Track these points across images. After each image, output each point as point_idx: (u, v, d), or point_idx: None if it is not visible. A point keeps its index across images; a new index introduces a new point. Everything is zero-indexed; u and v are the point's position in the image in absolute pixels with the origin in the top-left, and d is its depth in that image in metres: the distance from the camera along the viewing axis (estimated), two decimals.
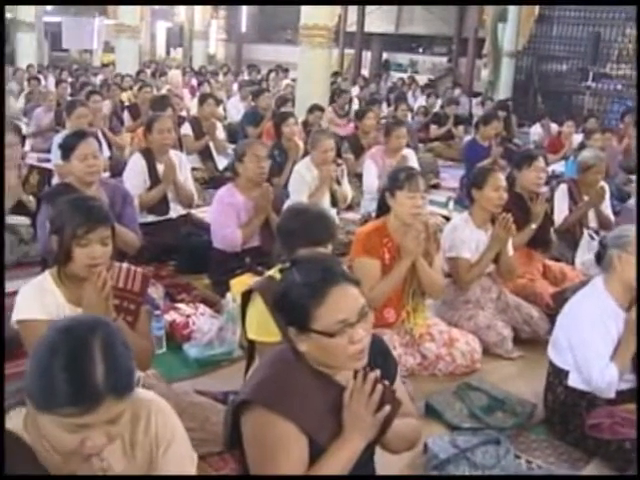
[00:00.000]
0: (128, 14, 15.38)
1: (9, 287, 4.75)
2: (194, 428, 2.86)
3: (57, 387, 1.53)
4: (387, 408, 2.06)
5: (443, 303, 4.47)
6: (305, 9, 10.38)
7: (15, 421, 1.71)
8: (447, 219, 6.34)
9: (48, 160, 7.72)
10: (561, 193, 5.68)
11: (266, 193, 4.73)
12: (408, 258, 3.81)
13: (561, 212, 5.60)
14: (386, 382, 2.10)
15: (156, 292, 4.48)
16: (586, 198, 5.65)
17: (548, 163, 7.73)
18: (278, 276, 2.88)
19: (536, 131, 12.37)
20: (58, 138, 6.64)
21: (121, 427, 1.65)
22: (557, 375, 3.39)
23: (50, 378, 1.54)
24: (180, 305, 4.52)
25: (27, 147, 7.80)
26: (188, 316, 4.31)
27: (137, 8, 15.67)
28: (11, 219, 5.42)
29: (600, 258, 3.35)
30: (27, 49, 17.69)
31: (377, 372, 2.09)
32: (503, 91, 17.57)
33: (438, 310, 4.46)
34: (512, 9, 17.23)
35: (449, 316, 4.38)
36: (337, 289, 2.03)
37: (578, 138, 9.71)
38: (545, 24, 18.24)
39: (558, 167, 9.26)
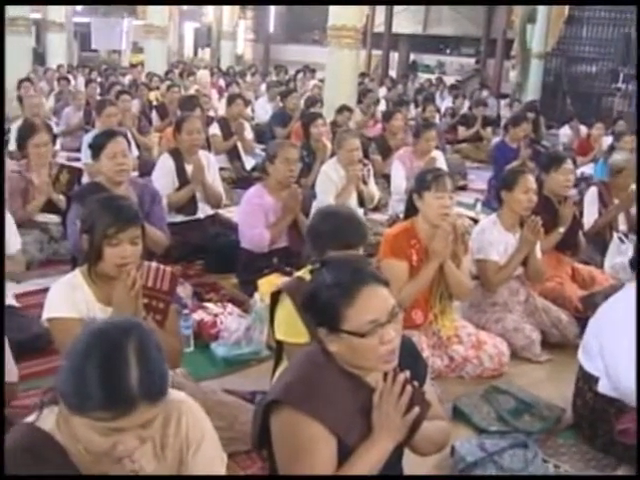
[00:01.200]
0: (157, 15, 15.47)
1: (38, 284, 4.84)
2: (222, 427, 2.86)
3: (91, 391, 1.53)
4: (416, 410, 2.05)
5: (471, 305, 4.45)
6: (333, 10, 10.36)
7: (47, 420, 1.73)
8: (474, 221, 6.31)
9: (77, 159, 7.81)
10: (591, 196, 5.63)
11: (295, 194, 4.74)
12: (436, 260, 3.81)
13: (591, 215, 5.55)
14: (416, 384, 2.10)
15: (184, 291, 4.50)
16: (616, 201, 5.60)
17: (577, 165, 7.69)
18: (308, 277, 2.88)
19: (565, 133, 12.29)
20: (88, 137, 6.71)
21: (153, 430, 1.65)
22: (587, 380, 3.35)
23: (84, 381, 1.54)
24: (208, 304, 4.55)
25: (57, 146, 7.85)
26: (216, 315, 4.33)
27: (165, 9, 15.75)
28: (41, 217, 5.49)
29: (636, 264, 3.32)
30: (57, 49, 17.83)
31: (407, 373, 2.09)
32: (531, 93, 17.46)
33: (466, 312, 4.44)
34: (541, 10, 17.10)
35: (477, 319, 4.36)
36: (367, 289, 2.03)
37: (607, 140, 9.63)
38: (575, 25, 18.09)
39: (587, 169, 9.17)
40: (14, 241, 4.03)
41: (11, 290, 4.24)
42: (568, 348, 4.23)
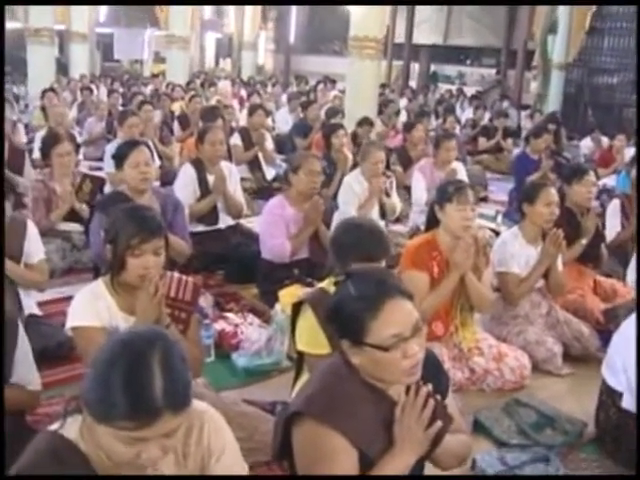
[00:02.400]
0: (179, 25, 15.62)
1: (61, 293, 4.89)
2: (242, 437, 2.85)
3: (115, 400, 1.54)
4: (439, 424, 2.05)
5: (492, 318, 4.43)
6: (355, 21, 10.40)
7: (71, 428, 1.74)
8: (495, 233, 6.29)
9: (99, 168, 7.86)
10: (613, 208, 5.59)
11: (316, 205, 4.74)
12: (457, 272, 3.80)
13: (613, 228, 5.51)
14: (438, 397, 2.10)
15: (205, 301, 4.51)
16: None
17: (599, 177, 7.64)
18: (330, 289, 2.91)
19: (587, 144, 12.23)
20: (110, 147, 6.78)
21: (176, 439, 1.66)
22: (610, 395, 3.33)
23: (108, 391, 1.55)
24: (229, 314, 4.56)
25: (80, 155, 7.93)
26: (237, 325, 4.34)
27: (187, 19, 15.88)
28: (64, 226, 5.53)
29: None
30: (80, 59, 18.01)
31: (429, 387, 2.09)
32: (552, 104, 17.41)
33: (487, 325, 4.43)
34: (562, 21, 17.07)
35: (498, 331, 4.34)
36: (392, 303, 2.03)
37: (629, 152, 9.57)
38: (596, 36, 18.02)
39: (609, 181, 9.13)
40: (38, 250, 4.06)
41: (34, 298, 4.28)
42: (590, 361, 4.20)
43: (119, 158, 4.47)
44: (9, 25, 19.17)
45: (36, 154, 7.19)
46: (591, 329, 4.43)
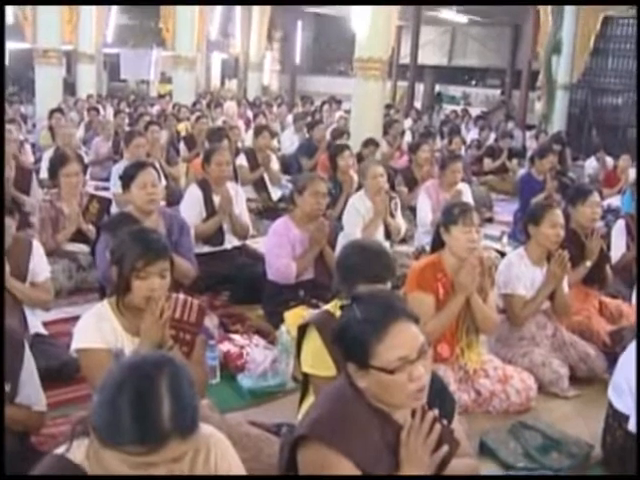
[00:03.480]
0: (185, 46, 15.75)
1: (67, 313, 4.90)
2: (246, 459, 2.85)
3: (123, 425, 1.54)
4: (445, 448, 2.05)
5: (497, 340, 4.42)
6: (360, 42, 10.44)
7: (78, 452, 1.74)
8: (501, 254, 6.29)
9: (106, 188, 7.90)
10: (618, 229, 5.59)
11: (322, 227, 4.75)
12: (462, 294, 3.80)
13: (618, 248, 5.50)
14: (444, 422, 2.10)
15: (210, 322, 4.49)
16: None
17: (603, 197, 7.64)
18: (336, 311, 2.91)
19: (591, 165, 12.22)
20: (117, 168, 6.81)
21: (184, 464, 1.66)
22: (616, 418, 3.32)
23: (116, 415, 1.55)
24: (234, 335, 4.56)
25: (87, 176, 7.95)
26: (242, 347, 4.33)
27: (194, 40, 15.99)
28: (70, 246, 5.54)
29: None
30: (87, 79, 18.11)
31: (435, 411, 2.09)
32: (557, 124, 17.43)
33: (492, 347, 4.41)
34: (566, 42, 17.13)
35: (504, 353, 4.32)
36: (398, 326, 2.04)
37: (634, 172, 9.57)
38: (600, 57, 18.08)
39: (614, 201, 9.12)
40: (43, 269, 4.07)
41: (40, 318, 4.29)
42: (596, 383, 4.19)
43: (126, 179, 4.50)
44: (18, 46, 19.34)
45: (43, 174, 7.23)
46: (597, 351, 4.41)
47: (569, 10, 16.36)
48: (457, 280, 3.80)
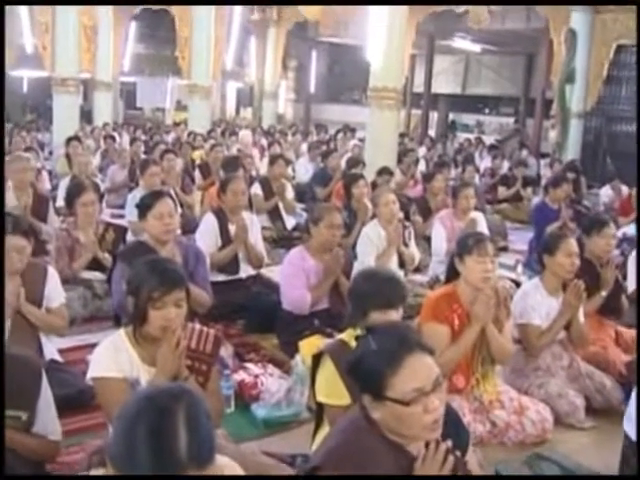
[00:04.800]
0: (201, 75, 15.88)
1: (82, 340, 4.92)
2: None
3: (139, 456, 1.53)
4: None
5: (513, 370, 4.40)
6: (374, 71, 10.51)
7: None
8: (516, 283, 6.26)
9: (121, 216, 7.94)
10: (634, 258, 5.57)
11: (337, 257, 4.76)
12: (477, 324, 3.79)
13: (634, 278, 5.47)
14: (458, 453, 2.09)
15: (225, 351, 4.50)
16: None
17: (619, 226, 7.62)
18: (350, 340, 2.92)
19: (606, 193, 12.15)
20: (132, 196, 6.86)
21: None
22: (633, 449, 3.29)
23: (133, 446, 1.55)
24: (249, 365, 4.54)
25: (103, 204, 8.02)
26: (257, 376, 4.32)
27: (209, 69, 16.12)
28: (86, 274, 5.57)
29: None
30: (104, 107, 18.24)
31: (449, 443, 2.09)
32: (571, 152, 17.39)
33: (507, 377, 4.38)
34: (580, 69, 17.14)
35: (519, 384, 4.30)
36: (413, 358, 2.05)
37: None
38: (614, 85, 18.06)
39: (629, 230, 9.07)
40: (58, 295, 4.10)
41: (55, 345, 4.31)
42: (613, 414, 4.14)
43: (143, 208, 4.53)
44: (36, 74, 19.56)
45: (60, 202, 7.28)
46: (614, 381, 4.38)
47: (582, 39, 16.40)
48: (472, 311, 3.79)
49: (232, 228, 5.56)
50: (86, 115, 18.65)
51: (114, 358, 2.85)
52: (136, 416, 1.58)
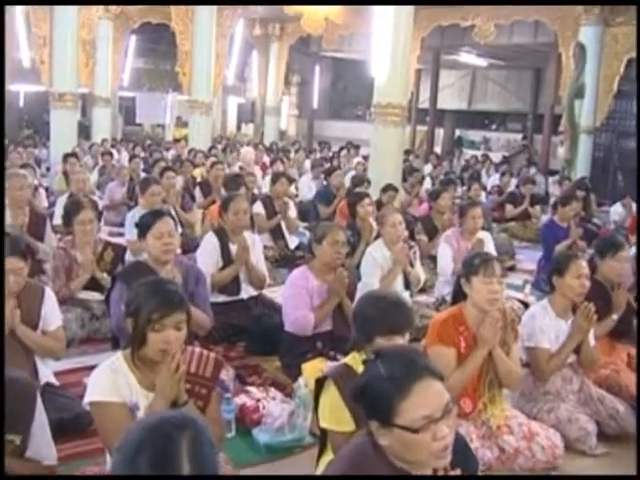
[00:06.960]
0: (201, 91, 15.86)
1: (79, 362, 4.85)
2: None
3: None
4: None
5: (521, 395, 4.30)
6: (379, 87, 10.46)
7: None
8: (524, 304, 6.15)
9: (120, 234, 7.89)
10: None
11: (341, 278, 4.67)
12: (485, 347, 3.71)
13: None
14: None
15: (226, 374, 4.42)
16: None
17: (630, 244, 7.50)
18: (355, 365, 2.92)
19: (617, 210, 11.99)
20: (132, 215, 6.78)
21: None
22: None
23: (135, 476, 1.52)
24: (250, 388, 4.46)
25: (101, 222, 7.94)
26: (258, 400, 4.24)
27: (210, 84, 16.11)
28: (84, 294, 5.50)
29: None
30: (102, 123, 18.23)
31: (457, 471, 2.09)
32: (581, 169, 17.27)
33: (516, 402, 4.29)
34: (590, 84, 17.07)
35: (528, 408, 4.20)
36: (422, 384, 2.01)
37: None
38: (624, 100, 17.95)
39: None
40: (55, 317, 4.03)
41: (50, 367, 4.24)
42: (626, 440, 4.04)
43: (143, 228, 4.49)
44: (34, 88, 19.49)
45: (57, 220, 7.20)
46: (627, 406, 4.26)
47: (592, 53, 16.32)
48: (479, 334, 3.72)
49: (233, 248, 5.48)
50: (84, 131, 18.59)
51: (112, 382, 2.79)
52: (138, 445, 1.55)
